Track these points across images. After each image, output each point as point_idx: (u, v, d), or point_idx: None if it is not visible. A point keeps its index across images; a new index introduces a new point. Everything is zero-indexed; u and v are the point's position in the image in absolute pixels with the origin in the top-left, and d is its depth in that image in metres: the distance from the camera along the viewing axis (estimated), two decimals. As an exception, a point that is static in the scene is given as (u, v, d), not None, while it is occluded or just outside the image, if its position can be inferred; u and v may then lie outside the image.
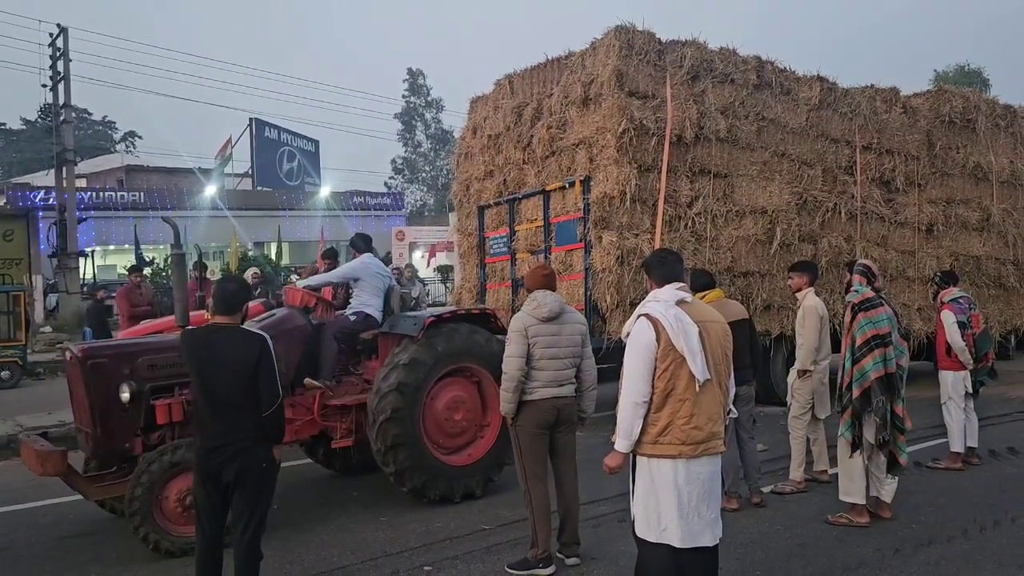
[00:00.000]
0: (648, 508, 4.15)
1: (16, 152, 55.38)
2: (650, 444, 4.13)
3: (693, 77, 11.20)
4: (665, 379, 4.07)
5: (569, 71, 11.30)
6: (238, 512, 4.73)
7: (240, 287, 5.09)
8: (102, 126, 62.60)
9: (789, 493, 7.51)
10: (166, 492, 6.37)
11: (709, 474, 4.15)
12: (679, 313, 4.13)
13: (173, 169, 42.79)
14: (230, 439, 4.66)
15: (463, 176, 13.28)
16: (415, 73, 67.50)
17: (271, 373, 4.68)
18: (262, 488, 4.75)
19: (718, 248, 11.09)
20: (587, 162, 10.78)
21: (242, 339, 4.74)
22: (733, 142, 11.31)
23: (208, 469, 4.69)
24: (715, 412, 4.16)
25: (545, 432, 5.69)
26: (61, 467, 6.42)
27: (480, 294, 12.47)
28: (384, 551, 6.23)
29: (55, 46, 27.93)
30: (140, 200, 36.22)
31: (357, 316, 8.11)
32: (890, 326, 6.62)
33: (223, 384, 4.65)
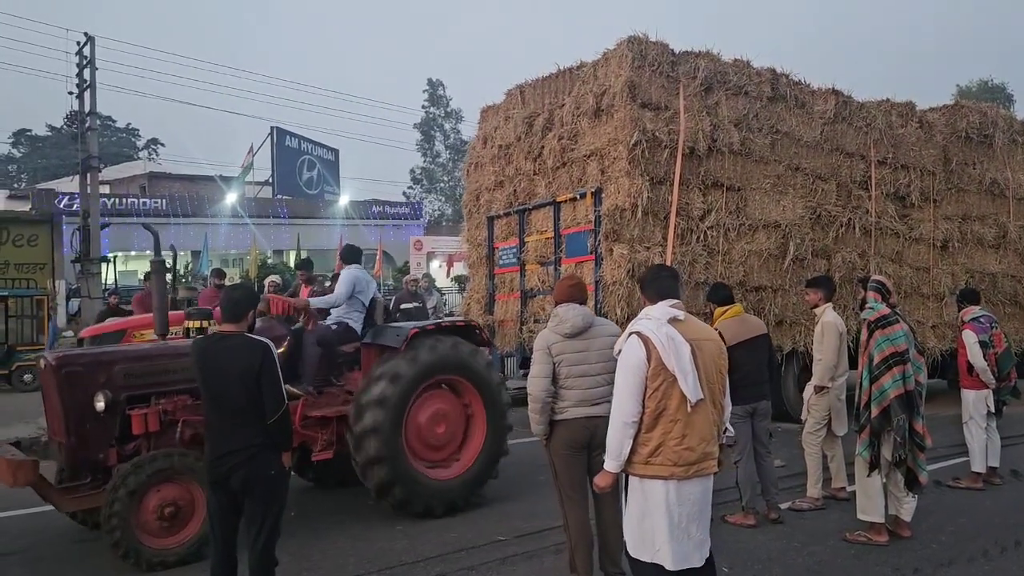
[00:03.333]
0: (642, 528, 4.02)
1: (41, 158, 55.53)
2: (642, 464, 3.99)
3: (706, 89, 10.83)
4: (656, 399, 3.93)
5: (581, 82, 10.94)
6: (250, 519, 4.65)
7: (246, 295, 4.95)
8: (125, 133, 62.71)
9: (807, 510, 7.27)
10: (145, 504, 6.10)
11: (700, 494, 4.02)
12: (671, 331, 3.97)
13: (194, 176, 42.71)
14: (237, 446, 4.58)
15: (473, 186, 12.90)
16: (435, 83, 67.28)
17: (275, 380, 4.60)
18: (272, 495, 4.66)
19: (730, 262, 10.69)
20: (598, 174, 10.41)
21: (246, 346, 4.64)
22: (746, 155, 10.91)
23: (217, 476, 4.64)
24: (708, 432, 4.00)
25: (580, 453, 5.23)
26: (32, 477, 6.15)
27: (489, 305, 12.11)
28: (400, 560, 6.11)
29: (82, 54, 27.80)
30: (162, 207, 36.10)
31: (339, 327, 7.83)
32: (907, 343, 6.36)
33: (228, 391, 4.59)
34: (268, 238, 36.93)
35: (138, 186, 40.90)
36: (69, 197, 33.07)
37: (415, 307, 13.80)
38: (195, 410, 6.76)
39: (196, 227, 35.07)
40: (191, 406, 6.77)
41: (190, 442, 6.66)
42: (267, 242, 36.87)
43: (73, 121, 30.90)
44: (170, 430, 6.60)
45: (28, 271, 29.30)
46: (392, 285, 35.24)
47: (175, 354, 7.09)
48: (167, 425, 6.60)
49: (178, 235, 34.81)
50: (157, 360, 6.95)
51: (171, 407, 6.65)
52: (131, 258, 35.39)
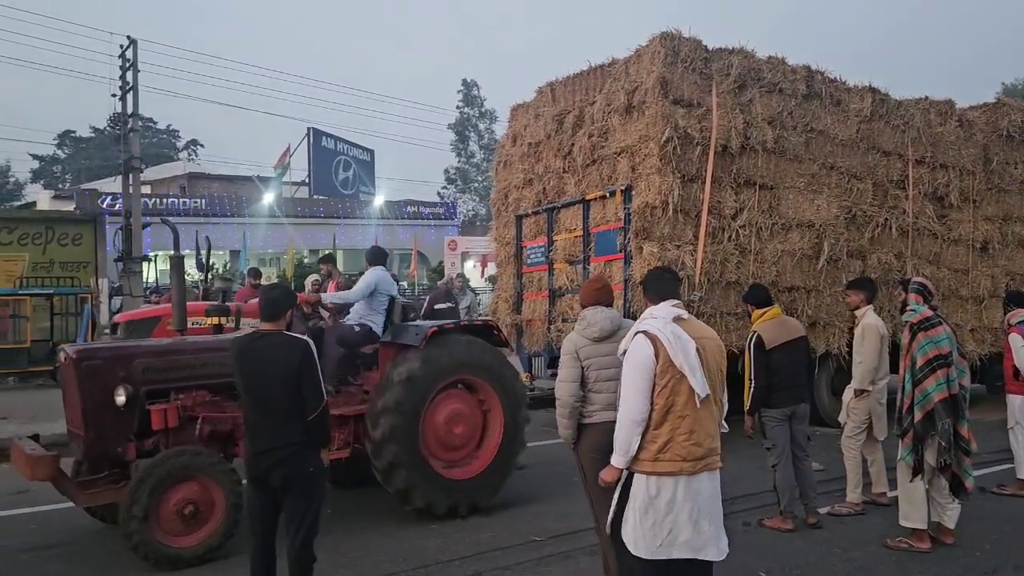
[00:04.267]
0: (645, 526, 4.00)
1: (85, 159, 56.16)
2: (650, 461, 4.01)
3: (740, 86, 10.49)
4: (664, 395, 3.97)
5: (612, 78, 10.64)
6: (289, 516, 4.66)
7: (283, 294, 5.00)
8: (166, 134, 63.28)
9: (846, 515, 7.12)
10: (164, 502, 5.98)
11: (710, 491, 4.06)
12: (676, 329, 4.04)
13: (233, 177, 42.94)
14: (276, 444, 4.60)
15: (502, 184, 12.62)
16: (469, 84, 67.20)
17: (314, 378, 4.63)
18: (311, 492, 4.68)
19: (762, 262, 10.34)
20: (629, 171, 10.10)
21: (285, 345, 4.68)
22: (780, 153, 10.55)
23: (256, 473, 4.67)
24: (713, 428, 4.08)
25: (608, 457, 4.95)
26: (51, 472, 6.10)
27: (516, 304, 11.85)
28: (435, 559, 6.10)
29: (124, 57, 27.98)
30: (201, 207, 36.29)
31: (361, 328, 7.75)
32: (951, 346, 6.16)
33: (267, 389, 4.62)
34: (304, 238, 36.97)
35: (178, 186, 41.19)
36: (112, 197, 33.35)
37: (448, 307, 13.62)
38: (214, 406, 6.73)
39: (234, 227, 35.23)
40: (210, 402, 6.71)
41: (209, 438, 6.61)
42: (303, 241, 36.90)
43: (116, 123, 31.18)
44: (189, 426, 6.51)
45: (72, 269, 29.41)
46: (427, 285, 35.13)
47: (195, 349, 7.05)
48: (186, 421, 6.52)
49: (217, 234, 34.89)
50: (177, 355, 6.88)
51: (190, 403, 6.58)
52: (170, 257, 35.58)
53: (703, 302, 9.82)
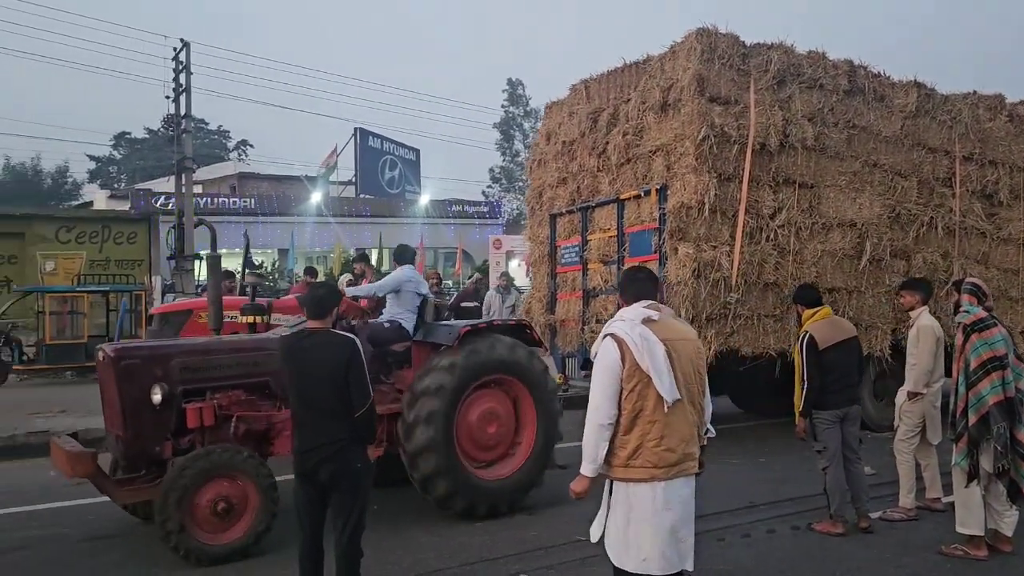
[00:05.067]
0: (627, 536, 3.87)
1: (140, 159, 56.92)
2: (621, 467, 3.87)
3: (779, 82, 10.10)
4: (632, 400, 3.82)
5: (647, 76, 10.31)
6: (336, 512, 4.67)
7: (329, 292, 5.03)
8: (217, 135, 63.76)
9: (898, 520, 6.86)
10: (198, 499, 5.92)
11: (687, 496, 3.92)
12: (644, 331, 3.85)
13: (282, 177, 43.14)
14: (323, 440, 4.59)
15: (536, 183, 12.35)
16: (514, 83, 66.74)
17: (361, 375, 4.62)
18: (357, 488, 4.67)
19: (802, 262, 9.95)
20: (664, 170, 9.78)
21: (332, 342, 4.69)
22: (821, 151, 10.16)
23: (304, 469, 4.67)
24: (687, 433, 3.88)
25: None
26: (90, 469, 6.05)
27: (550, 304, 11.54)
28: (480, 556, 6.04)
29: (178, 60, 28.17)
30: (251, 206, 36.49)
31: (391, 324, 7.61)
32: (1006, 347, 5.89)
33: (315, 386, 4.62)
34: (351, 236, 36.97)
35: (228, 186, 41.47)
36: (165, 197, 33.64)
37: (474, 306, 13.36)
38: (250, 405, 6.67)
39: (283, 226, 35.36)
40: (246, 401, 6.66)
41: (244, 437, 6.55)
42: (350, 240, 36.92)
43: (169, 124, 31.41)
44: (225, 425, 6.45)
45: (127, 267, 29.91)
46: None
47: (231, 349, 7.00)
48: (222, 420, 6.46)
49: (266, 233, 35.23)
50: (213, 354, 6.82)
51: (226, 402, 6.52)
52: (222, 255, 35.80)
53: (740, 304, 9.44)
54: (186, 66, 28.13)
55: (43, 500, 7.78)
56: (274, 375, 6.81)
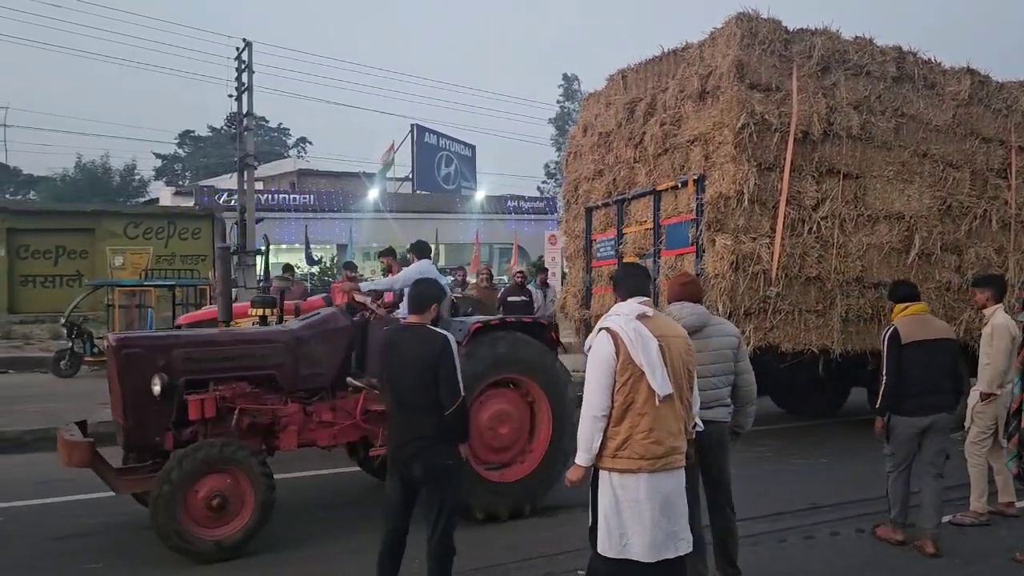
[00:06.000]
0: (610, 524, 3.90)
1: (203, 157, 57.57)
2: (610, 458, 3.91)
3: (823, 69, 9.50)
4: (624, 392, 3.88)
5: (686, 63, 9.79)
6: (428, 508, 4.61)
7: (429, 288, 4.95)
8: (277, 132, 64.13)
9: (969, 525, 6.49)
10: (194, 492, 5.72)
11: (671, 488, 3.93)
12: (639, 327, 3.92)
13: (340, 173, 43.21)
14: (415, 436, 4.56)
15: (572, 176, 11.86)
16: (570, 78, 65.95)
17: (452, 372, 4.55)
18: (449, 484, 4.62)
19: (846, 256, 9.34)
20: (702, 160, 9.25)
21: (425, 338, 4.63)
22: (867, 140, 9.52)
23: (395, 464, 4.66)
24: (675, 427, 3.94)
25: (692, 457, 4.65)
26: (86, 458, 5.86)
27: (585, 299, 11.08)
28: (540, 552, 5.94)
29: (240, 59, 28.26)
30: (310, 202, 36.59)
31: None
32: None
33: (407, 382, 4.59)
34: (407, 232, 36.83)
35: (288, 182, 41.69)
36: (228, 193, 33.88)
37: (522, 300, 12.94)
38: (254, 398, 6.38)
39: (342, 222, 35.39)
40: (250, 394, 6.36)
41: (248, 430, 6.29)
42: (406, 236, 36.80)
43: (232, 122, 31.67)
44: (228, 417, 6.18)
45: (192, 262, 30.27)
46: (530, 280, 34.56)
47: (235, 340, 6.73)
48: (225, 412, 6.18)
49: (325, 229, 35.29)
50: (218, 346, 6.57)
51: (229, 394, 6.23)
52: (282, 251, 35.96)
53: (780, 298, 8.90)
54: (248, 65, 28.20)
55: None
56: (280, 368, 6.58)
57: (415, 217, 38.38)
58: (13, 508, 7.14)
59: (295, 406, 6.58)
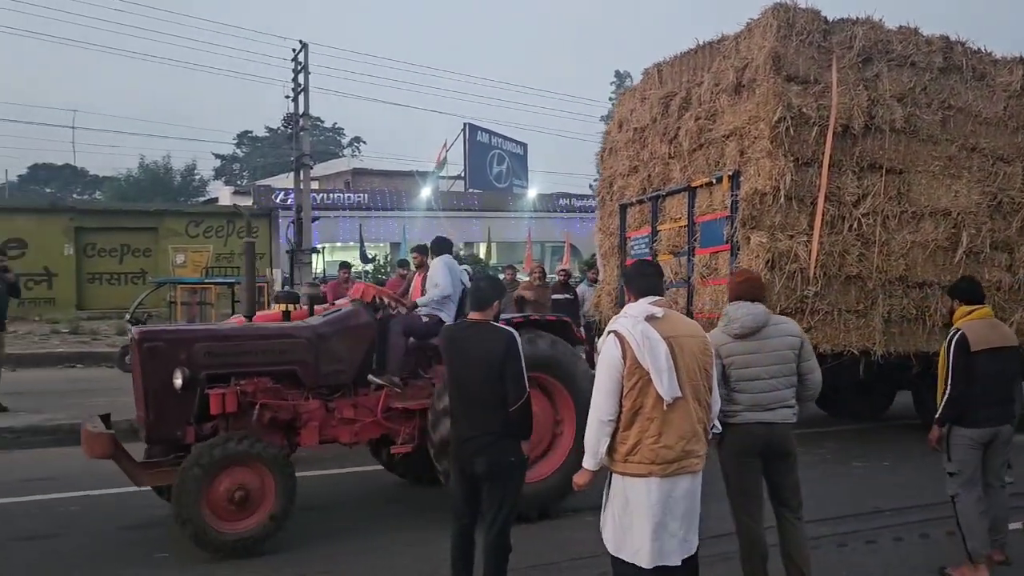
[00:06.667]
0: (622, 527, 3.83)
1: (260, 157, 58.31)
2: (621, 462, 3.83)
3: (865, 60, 9.04)
4: (632, 397, 3.76)
5: (721, 56, 9.41)
6: (487, 505, 4.57)
7: (491, 285, 4.91)
8: (332, 132, 64.60)
9: None
10: (215, 486, 5.67)
11: (684, 492, 3.80)
12: (647, 329, 3.76)
13: (393, 172, 43.22)
14: (479, 432, 4.51)
15: (607, 172, 11.51)
16: (622, 76, 65.06)
17: (517, 369, 4.49)
18: (511, 481, 4.58)
19: (889, 254, 8.87)
20: (737, 155, 8.87)
21: (490, 335, 4.58)
22: (911, 133, 9.03)
23: (459, 460, 4.63)
24: (688, 430, 3.78)
25: (753, 460, 4.75)
26: (107, 450, 5.82)
27: (620, 298, 10.73)
28: (592, 552, 5.52)
29: (297, 60, 28.45)
30: (364, 201, 36.70)
31: (430, 319, 7.09)
32: None
33: (472, 378, 4.55)
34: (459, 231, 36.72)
35: (343, 182, 41.88)
36: (284, 192, 34.14)
37: (565, 298, 12.65)
38: (275, 393, 6.30)
39: (395, 220, 35.45)
40: (271, 389, 6.28)
41: (269, 425, 6.22)
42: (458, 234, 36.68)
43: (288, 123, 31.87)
44: (249, 412, 6.12)
45: (252, 260, 30.46)
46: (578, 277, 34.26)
47: (258, 335, 6.65)
48: (246, 407, 6.12)
49: (378, 227, 35.37)
50: (240, 340, 6.51)
51: (251, 388, 6.17)
52: (337, 249, 36.18)
53: (818, 298, 8.47)
54: (304, 66, 28.39)
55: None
56: (301, 364, 6.48)
57: (467, 216, 38.27)
58: (89, 497, 7.24)
59: (316, 402, 6.50)
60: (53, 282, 28.33)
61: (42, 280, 27.94)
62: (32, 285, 26.36)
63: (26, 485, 7.50)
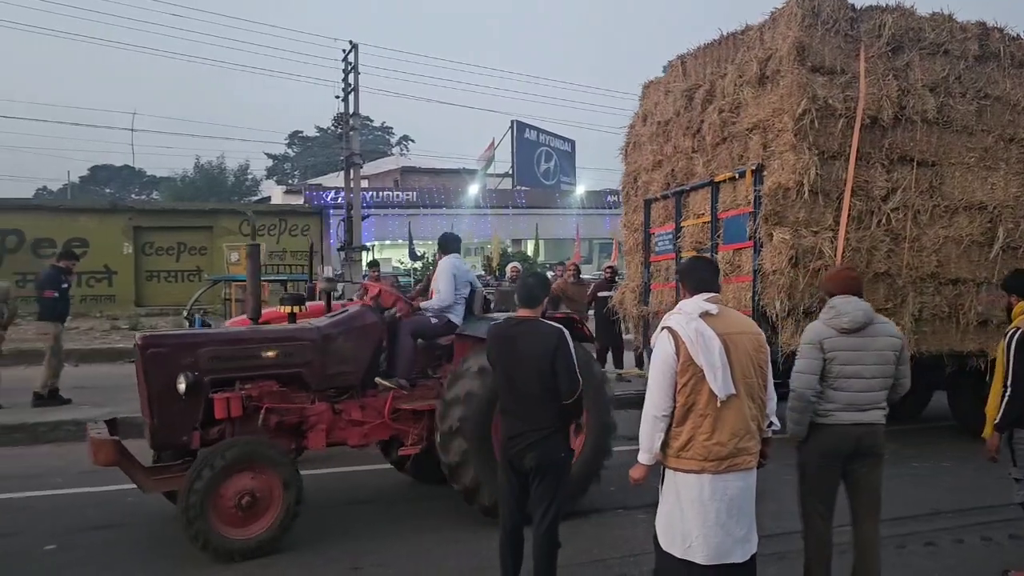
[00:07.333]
0: (673, 523, 3.78)
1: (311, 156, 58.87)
2: (674, 458, 3.78)
3: (895, 49, 8.60)
4: (685, 394, 3.70)
5: (746, 47, 9.04)
6: (537, 501, 4.53)
7: (539, 282, 4.87)
8: (381, 131, 64.90)
9: None
10: (222, 492, 5.54)
11: (738, 489, 3.72)
12: (700, 326, 3.70)
13: (441, 170, 43.26)
14: (529, 428, 4.48)
15: (631, 167, 11.15)
16: (668, 70, 64.50)
17: (569, 363, 4.46)
18: (559, 477, 4.55)
19: (920, 250, 8.43)
20: (760, 149, 8.50)
21: (541, 332, 4.56)
22: (945, 124, 8.56)
23: (509, 456, 4.59)
24: (741, 427, 3.70)
25: (835, 462, 4.58)
26: (111, 457, 5.68)
27: (643, 295, 10.42)
28: (643, 549, 5.49)
29: (347, 61, 28.52)
30: (413, 199, 36.78)
31: (439, 319, 6.88)
32: None
33: (523, 375, 4.51)
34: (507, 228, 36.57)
35: (392, 180, 42.03)
36: (335, 191, 34.33)
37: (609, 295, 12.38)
38: (282, 397, 6.18)
39: (443, 217, 35.44)
40: (277, 392, 6.15)
41: (276, 429, 6.10)
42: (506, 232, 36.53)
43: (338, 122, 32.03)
44: (255, 416, 6.00)
45: (302, 258, 30.76)
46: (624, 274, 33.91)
47: (264, 339, 6.45)
48: (252, 411, 5.99)
49: (427, 225, 35.40)
50: (245, 344, 6.33)
51: (256, 392, 6.04)
52: (386, 246, 36.36)
53: (844, 296, 8.04)
54: (354, 66, 28.44)
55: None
56: (307, 367, 6.33)
57: (515, 213, 38.10)
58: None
59: (323, 405, 6.36)
60: (113, 279, 28.88)
61: (103, 278, 28.49)
62: (93, 283, 26.92)
63: (89, 476, 7.46)
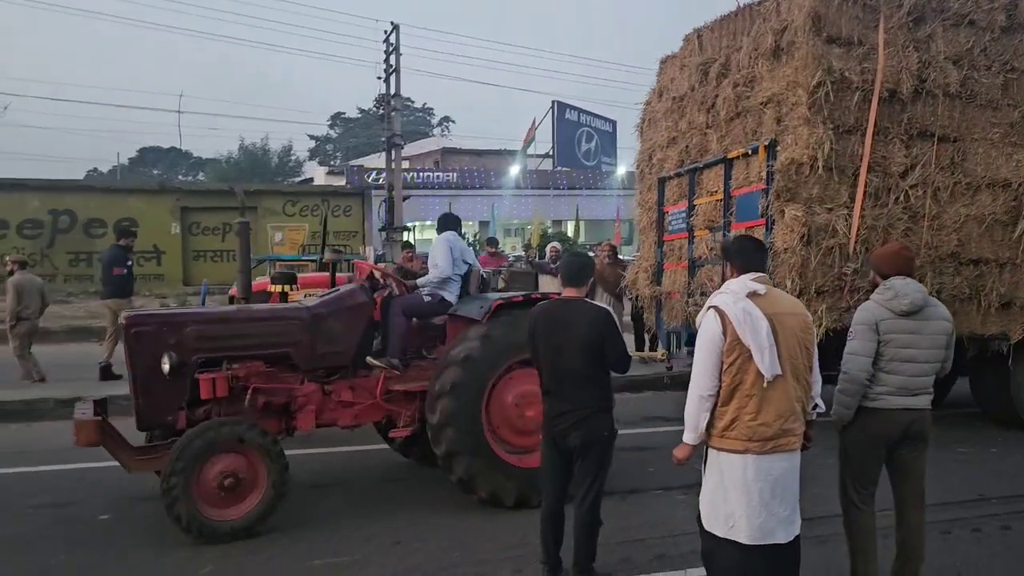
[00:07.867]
0: (716, 503, 3.76)
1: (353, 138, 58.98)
2: (718, 437, 3.76)
3: (916, 19, 8.14)
4: (731, 374, 3.68)
5: (761, 19, 8.65)
6: (579, 479, 4.56)
7: (585, 263, 4.90)
8: (422, 112, 64.71)
9: None
10: (205, 473, 5.48)
11: (782, 471, 3.70)
12: (748, 306, 3.66)
13: (482, 151, 43.06)
14: (574, 407, 4.50)
15: (647, 144, 10.76)
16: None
17: (618, 339, 4.57)
18: (602, 456, 4.57)
19: (940, 228, 8.01)
20: (774, 124, 8.14)
21: (586, 311, 4.59)
22: (968, 98, 8.10)
23: (553, 434, 4.61)
24: (786, 408, 3.67)
25: (880, 448, 4.47)
26: (93, 437, 5.65)
27: (656, 275, 10.12)
28: (683, 529, 5.57)
29: (388, 42, 28.46)
30: (453, 180, 36.67)
31: (432, 297, 6.72)
32: None
33: (567, 354, 4.51)
34: (547, 208, 36.26)
35: (432, 161, 41.96)
36: (376, 172, 34.38)
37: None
38: (269, 377, 6.07)
39: (484, 198, 35.30)
40: (265, 373, 6.05)
41: (263, 410, 6.00)
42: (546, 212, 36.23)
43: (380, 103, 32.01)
44: (242, 396, 5.89)
45: (344, 238, 30.94)
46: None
47: (250, 318, 6.37)
48: (238, 391, 5.90)
49: (467, 206, 35.30)
50: (232, 324, 6.24)
51: (243, 373, 5.94)
52: (427, 227, 36.31)
53: (858, 275, 7.71)
54: (396, 47, 28.35)
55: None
56: (296, 346, 6.20)
57: (556, 194, 37.78)
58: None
59: (312, 386, 6.25)
60: (161, 259, 29.46)
61: (151, 257, 29.03)
62: (143, 262, 27.36)
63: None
